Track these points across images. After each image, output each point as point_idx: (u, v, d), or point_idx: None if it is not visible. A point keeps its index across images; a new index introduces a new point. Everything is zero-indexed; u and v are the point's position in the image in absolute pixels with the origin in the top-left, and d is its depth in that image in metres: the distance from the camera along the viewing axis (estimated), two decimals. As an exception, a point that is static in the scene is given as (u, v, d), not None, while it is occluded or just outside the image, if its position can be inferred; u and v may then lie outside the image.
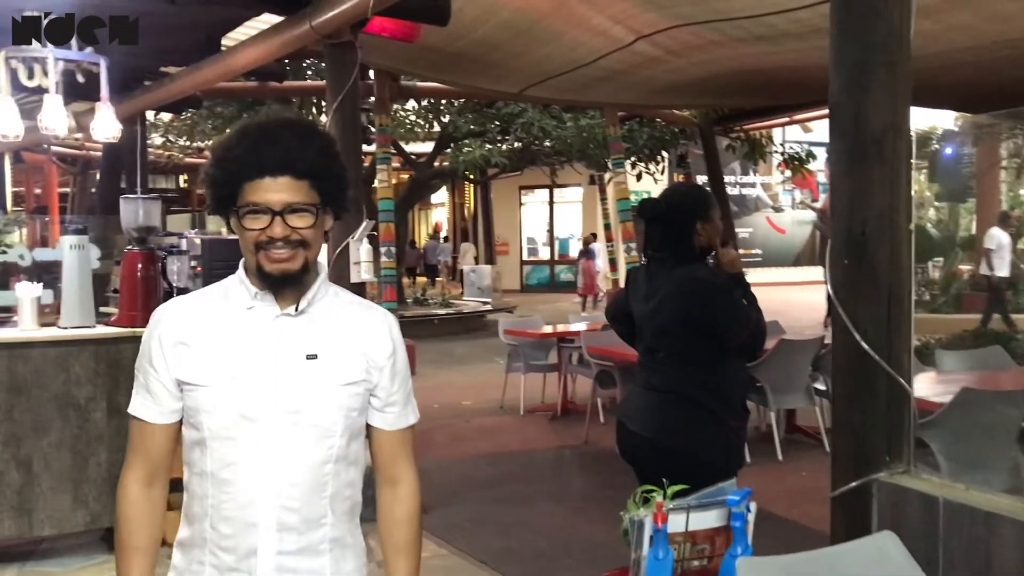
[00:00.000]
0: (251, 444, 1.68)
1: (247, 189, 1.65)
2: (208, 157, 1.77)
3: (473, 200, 27.37)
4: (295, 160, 1.64)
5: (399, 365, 1.84)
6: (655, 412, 3.13)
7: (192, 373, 1.70)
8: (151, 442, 1.76)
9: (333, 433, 1.72)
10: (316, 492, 1.72)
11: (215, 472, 1.70)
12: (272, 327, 1.71)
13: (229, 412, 1.68)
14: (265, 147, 1.65)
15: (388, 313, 1.86)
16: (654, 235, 3.19)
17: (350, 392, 1.74)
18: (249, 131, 1.69)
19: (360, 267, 5.10)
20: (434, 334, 14.29)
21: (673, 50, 6.83)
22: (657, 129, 14.71)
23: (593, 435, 7.11)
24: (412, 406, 1.90)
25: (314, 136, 1.71)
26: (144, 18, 5.58)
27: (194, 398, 1.70)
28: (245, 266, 1.74)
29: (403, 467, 1.86)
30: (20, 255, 5.78)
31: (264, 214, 1.64)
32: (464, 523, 5.24)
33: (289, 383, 1.69)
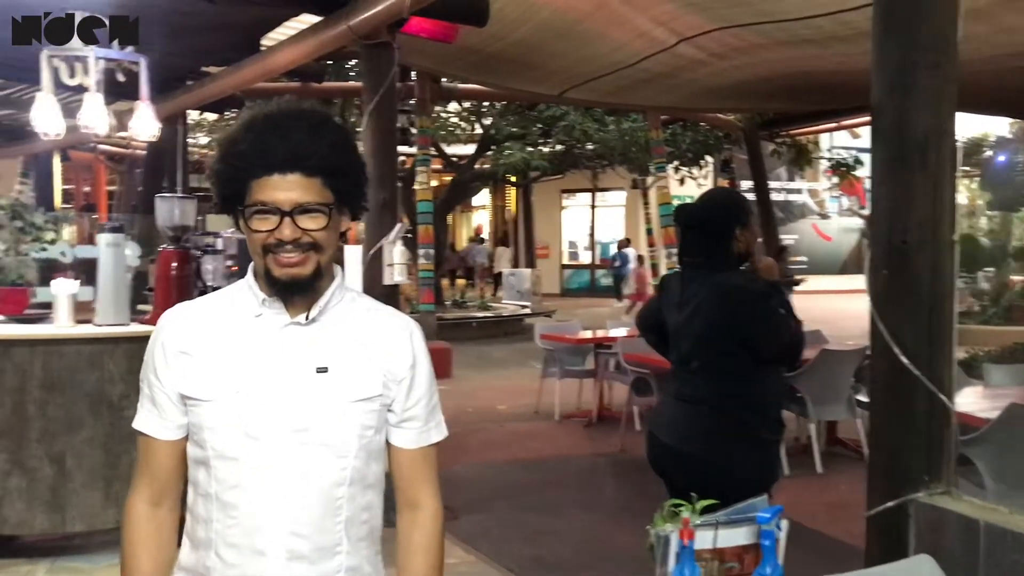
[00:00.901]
0: (256, 465, 1.54)
1: (254, 187, 1.52)
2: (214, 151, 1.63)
3: (514, 203, 27.34)
4: (306, 155, 1.50)
5: (419, 378, 1.68)
6: (687, 423, 3.04)
7: (194, 386, 1.57)
8: (157, 459, 1.63)
9: (346, 453, 1.57)
10: (329, 517, 1.57)
11: (219, 494, 1.57)
12: (280, 337, 1.58)
13: (232, 430, 1.54)
14: (273, 141, 1.50)
15: (410, 320, 1.71)
16: (691, 241, 3.11)
17: (364, 409, 1.59)
18: (256, 123, 1.54)
19: (393, 269, 5.06)
20: (471, 337, 14.27)
21: (716, 53, 6.72)
22: (701, 133, 14.58)
23: (628, 443, 7.01)
24: (437, 423, 1.74)
25: (327, 128, 1.56)
26: (184, 18, 5.63)
27: (197, 413, 1.58)
28: (254, 270, 1.61)
29: (424, 490, 1.70)
30: (62, 252, 5.85)
31: (272, 214, 1.50)
32: (493, 529, 5.18)
33: (296, 399, 1.55)
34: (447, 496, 5.53)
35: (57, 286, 4.83)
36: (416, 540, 1.68)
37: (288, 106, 1.57)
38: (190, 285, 4.87)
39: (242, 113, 1.61)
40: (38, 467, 4.50)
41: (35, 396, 4.49)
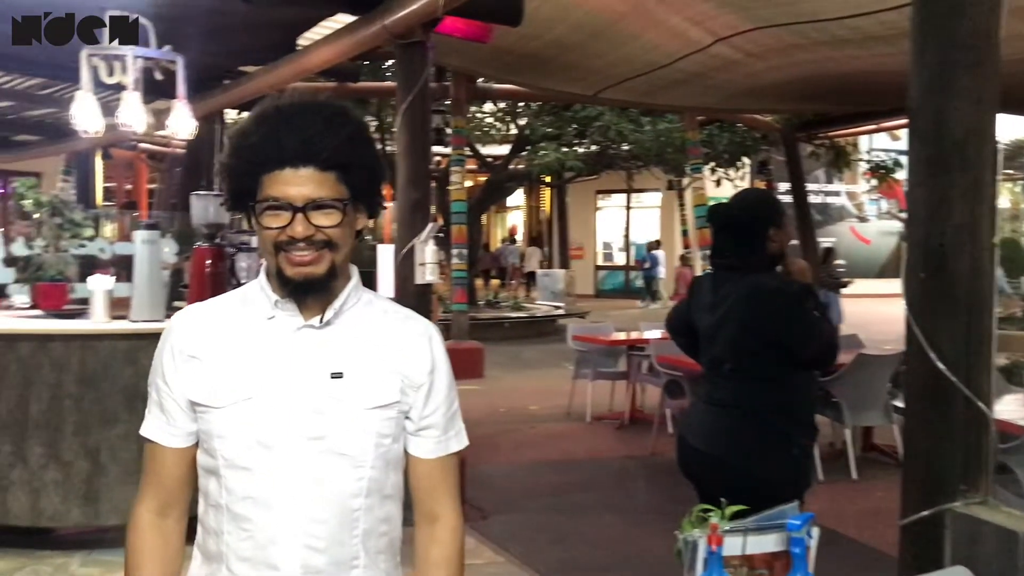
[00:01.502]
0: (269, 475, 1.47)
1: (265, 182, 1.44)
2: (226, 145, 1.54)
3: (549, 204, 27.30)
4: (319, 148, 1.42)
5: (439, 384, 1.59)
6: (718, 428, 3.00)
7: (204, 392, 1.50)
8: (165, 467, 1.55)
9: (363, 463, 1.50)
10: (346, 530, 1.50)
11: (230, 506, 1.49)
12: (293, 340, 1.50)
13: (244, 438, 1.47)
14: (285, 133, 1.43)
15: (429, 324, 1.63)
16: (724, 241, 3.06)
17: (381, 416, 1.51)
18: (267, 115, 1.47)
19: (425, 268, 5.06)
20: (504, 337, 14.26)
21: (753, 53, 6.66)
22: (738, 134, 14.45)
23: (660, 446, 6.95)
24: (457, 431, 1.64)
25: (343, 120, 1.47)
26: (222, 17, 5.69)
27: (207, 421, 1.50)
28: (266, 270, 1.53)
29: (443, 502, 1.61)
30: (100, 248, 5.94)
31: (284, 210, 1.43)
32: (523, 531, 5.16)
33: (311, 405, 1.48)
34: (478, 496, 5.54)
35: (93, 282, 4.89)
36: (434, 555, 1.60)
37: (302, 98, 1.50)
38: (224, 282, 4.90)
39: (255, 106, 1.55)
40: (73, 461, 4.56)
41: (71, 391, 4.55)
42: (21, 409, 4.54)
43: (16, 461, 4.55)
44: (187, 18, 5.55)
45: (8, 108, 10.02)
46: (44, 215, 5.71)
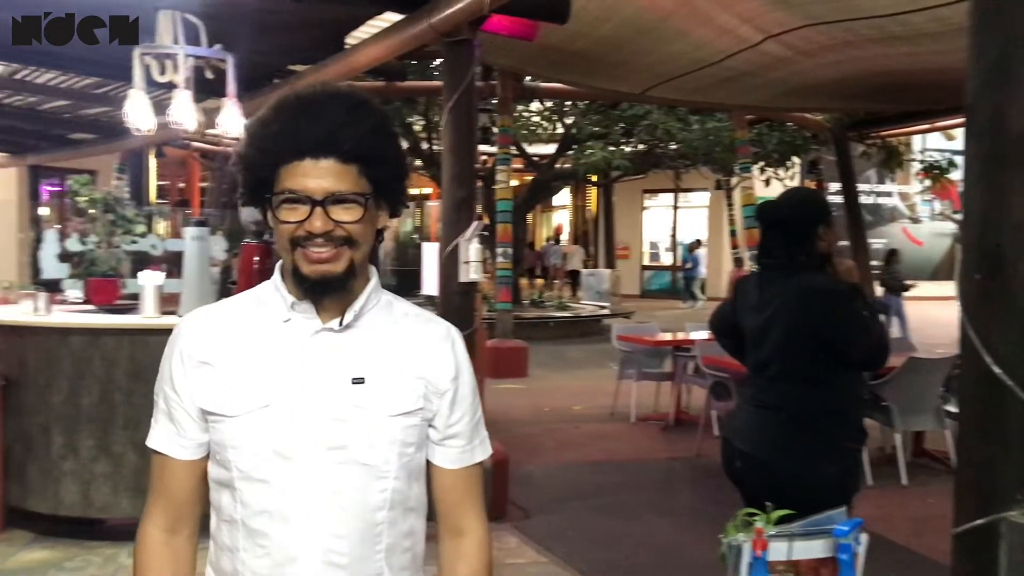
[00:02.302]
0: (287, 487, 1.38)
1: (283, 174, 1.36)
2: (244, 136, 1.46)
3: (595, 203, 27.23)
4: (341, 139, 1.34)
5: (463, 391, 1.52)
6: (764, 430, 2.95)
7: (216, 400, 1.41)
8: (175, 481, 1.46)
9: (386, 474, 1.42)
10: (368, 545, 1.41)
11: (245, 520, 1.40)
12: (311, 344, 1.41)
13: (260, 448, 1.38)
14: (305, 123, 1.34)
15: (452, 328, 1.56)
16: (773, 240, 3.00)
17: (404, 424, 1.43)
18: (287, 103, 1.38)
19: (469, 267, 5.06)
20: (549, 337, 14.25)
21: (803, 50, 6.56)
22: (787, 133, 14.27)
23: (705, 448, 6.88)
24: (481, 439, 1.56)
25: (366, 110, 1.39)
26: (272, 16, 5.74)
27: (220, 431, 1.41)
28: (281, 269, 1.44)
29: (469, 515, 1.53)
30: (152, 245, 6.03)
31: (302, 204, 1.34)
32: (566, 531, 5.14)
33: (331, 413, 1.39)
34: (521, 495, 5.53)
35: (144, 277, 4.97)
36: (461, 571, 1.52)
37: (323, 86, 1.42)
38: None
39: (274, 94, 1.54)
40: (123, 453, 4.64)
41: (121, 384, 4.63)
42: (73, 402, 4.63)
43: (68, 453, 4.64)
44: (237, 17, 5.60)
45: (64, 107, 10.22)
46: (97, 212, 5.82)
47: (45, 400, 4.66)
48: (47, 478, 4.65)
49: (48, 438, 4.65)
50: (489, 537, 1.55)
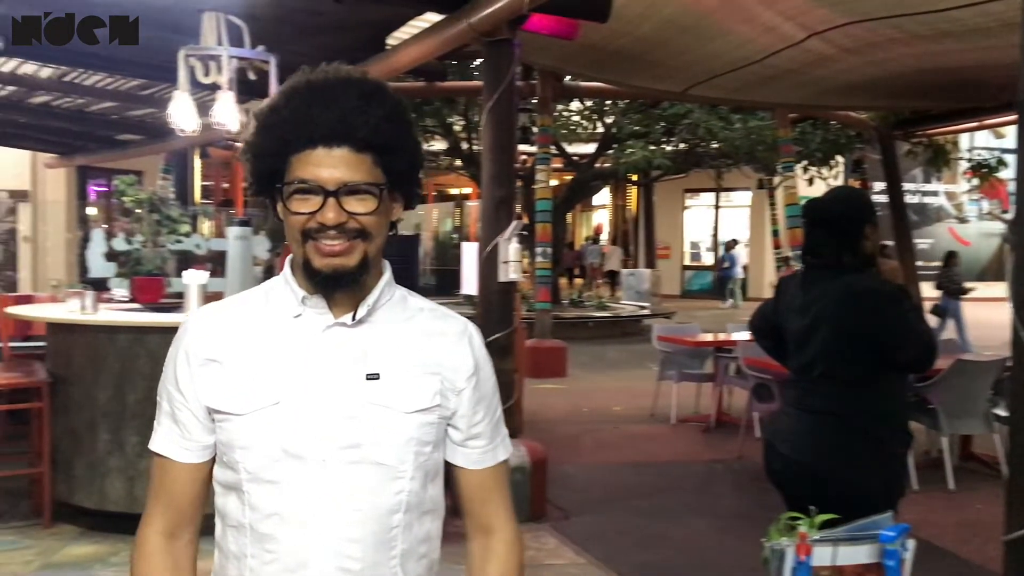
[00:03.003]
0: (298, 489, 1.32)
1: (294, 163, 1.30)
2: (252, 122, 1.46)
3: (635, 202, 27.11)
4: (356, 127, 1.28)
5: (484, 388, 1.46)
6: (809, 434, 2.90)
7: (224, 398, 1.35)
8: (177, 485, 1.40)
9: (402, 474, 1.36)
10: (383, 550, 1.35)
11: (254, 525, 1.34)
12: (323, 340, 1.36)
13: (270, 447, 1.33)
14: (318, 109, 1.28)
15: (469, 323, 1.49)
16: (819, 239, 2.93)
17: (420, 422, 1.37)
18: (299, 89, 1.31)
19: (509, 266, 5.06)
20: (588, 337, 14.20)
21: (848, 48, 6.47)
22: (831, 132, 14.09)
23: (747, 450, 6.81)
24: (503, 437, 1.51)
25: (381, 97, 1.32)
26: (314, 17, 5.78)
27: (227, 430, 1.35)
28: (291, 261, 1.39)
29: (497, 512, 1.48)
30: (196, 244, 6.12)
31: (314, 194, 1.28)
32: (605, 532, 5.11)
33: (344, 410, 1.33)
34: (559, 495, 5.51)
35: (188, 276, 5.03)
36: (491, 570, 1.46)
37: (335, 71, 1.34)
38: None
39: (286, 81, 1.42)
40: (168, 450, 4.69)
41: (166, 382, 4.69)
42: (118, 399, 4.70)
43: (113, 449, 4.71)
44: (280, 18, 5.65)
45: (111, 108, 10.40)
46: (143, 212, 5.91)
47: (92, 397, 4.74)
48: (94, 474, 4.73)
49: (95, 434, 4.72)
50: (519, 534, 1.50)
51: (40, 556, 4.45)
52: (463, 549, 1.48)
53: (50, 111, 10.41)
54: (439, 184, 28.25)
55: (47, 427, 4.78)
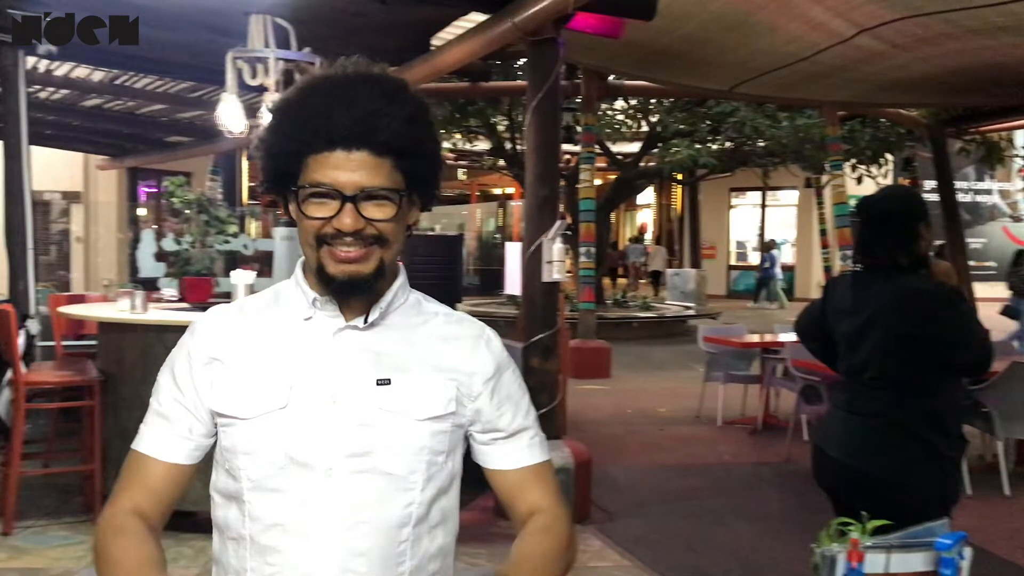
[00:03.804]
0: (302, 499, 1.26)
1: (311, 164, 1.24)
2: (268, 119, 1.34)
3: (680, 202, 26.91)
4: (376, 129, 1.22)
5: (507, 389, 1.41)
6: (859, 438, 2.84)
7: (229, 402, 1.30)
8: (156, 482, 1.33)
9: (412, 485, 1.29)
10: (390, 566, 1.29)
11: (255, 536, 1.28)
12: (333, 343, 1.31)
13: (275, 454, 1.27)
14: (338, 110, 1.22)
15: (485, 327, 1.44)
16: (873, 238, 2.85)
17: (433, 429, 1.31)
18: (318, 86, 1.27)
19: (552, 266, 5.04)
20: (632, 337, 14.11)
21: (899, 44, 6.35)
22: (881, 129, 13.86)
23: (795, 453, 6.72)
24: (538, 438, 1.44)
25: (403, 97, 1.27)
26: (359, 19, 5.82)
27: (231, 435, 1.30)
28: (303, 265, 1.35)
29: (543, 497, 1.40)
30: (244, 244, 6.18)
31: (331, 199, 1.23)
32: (649, 535, 5.07)
33: (354, 417, 1.28)
34: (603, 497, 5.46)
35: (235, 276, 5.09)
36: (531, 548, 1.35)
37: (356, 67, 1.29)
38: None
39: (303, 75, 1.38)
40: (215, 448, 4.75)
41: (213, 381, 4.74)
42: (168, 397, 4.75)
43: (163, 446, 4.76)
44: (325, 20, 5.70)
45: (161, 111, 10.58)
46: (192, 212, 5.99)
47: (141, 395, 4.76)
48: (143, 471, 4.79)
49: (144, 432, 4.78)
50: (568, 522, 1.41)
51: (91, 552, 4.52)
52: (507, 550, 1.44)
53: (102, 114, 10.62)
54: (482, 184, 28.32)
55: (98, 425, 4.86)
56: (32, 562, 4.38)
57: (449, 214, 25.60)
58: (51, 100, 9.86)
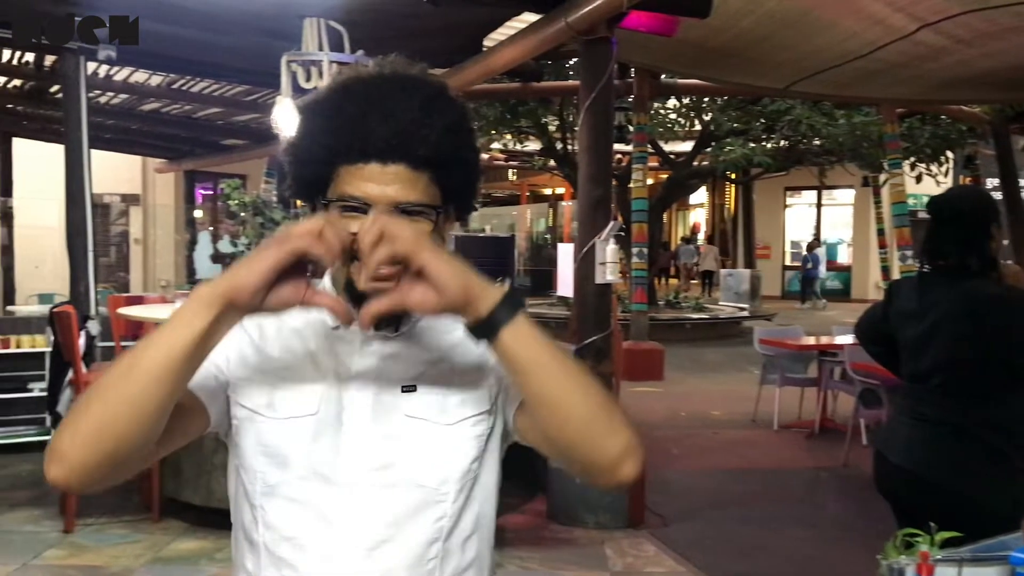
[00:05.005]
0: (322, 513, 1.18)
1: (343, 174, 1.17)
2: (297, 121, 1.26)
3: (733, 201, 26.60)
4: (414, 142, 1.14)
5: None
6: (925, 445, 2.75)
7: (254, 394, 1.22)
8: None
9: (443, 497, 1.20)
10: None
11: (270, 546, 1.20)
12: (361, 352, 1.23)
13: (297, 462, 1.21)
14: (374, 118, 1.14)
15: None
16: (944, 238, 2.73)
17: (466, 435, 1.22)
18: (353, 92, 1.18)
19: (606, 268, 4.99)
20: (685, 339, 13.98)
21: (963, 39, 6.18)
22: (941, 127, 13.55)
23: (854, 457, 6.58)
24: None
25: (443, 105, 1.18)
26: (412, 21, 5.83)
27: (251, 432, 1.24)
28: (332, 278, 1.26)
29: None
30: (295, 246, 6.22)
31: (364, 213, 1.15)
32: (705, 540, 5.00)
33: (381, 428, 1.20)
34: (658, 501, 5.37)
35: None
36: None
37: (392, 69, 1.21)
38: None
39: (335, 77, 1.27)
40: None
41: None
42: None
43: (219, 447, 4.82)
44: (378, 22, 5.71)
45: (217, 114, 10.73)
46: (248, 215, 6.06)
47: (198, 396, 4.85)
48: (200, 471, 4.85)
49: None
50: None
51: (150, 550, 4.59)
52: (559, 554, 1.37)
53: (160, 117, 10.82)
54: (532, 184, 28.30)
55: (156, 424, 4.92)
56: (92, 560, 4.46)
57: (500, 215, 25.63)
58: (110, 104, 10.06)
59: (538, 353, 1.10)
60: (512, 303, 1.09)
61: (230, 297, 1.06)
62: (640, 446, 1.15)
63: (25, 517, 5.07)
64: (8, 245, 11.67)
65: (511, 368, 1.12)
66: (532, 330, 1.10)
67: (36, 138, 12.02)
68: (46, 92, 9.29)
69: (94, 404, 1.08)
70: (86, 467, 1.08)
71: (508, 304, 1.09)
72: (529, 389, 1.12)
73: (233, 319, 1.09)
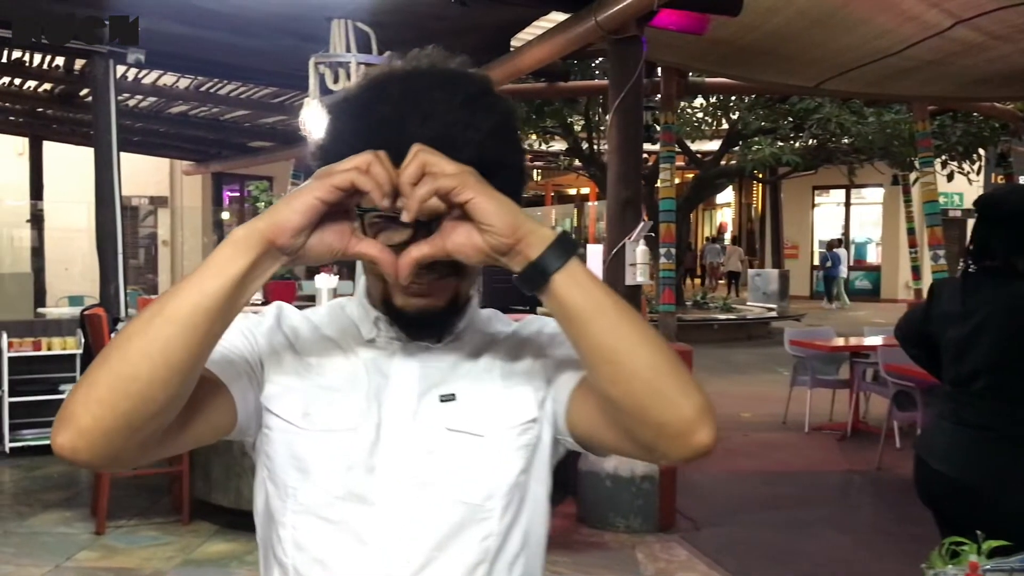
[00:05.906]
0: (357, 533, 1.08)
1: None
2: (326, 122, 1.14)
3: (760, 200, 26.40)
4: (456, 145, 1.00)
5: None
6: (972, 452, 2.68)
7: (288, 405, 1.12)
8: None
9: (489, 514, 1.10)
10: None
11: (299, 568, 1.10)
12: (399, 364, 1.14)
13: (332, 480, 1.11)
14: (413, 120, 1.01)
15: (551, 321, 1.15)
16: (991, 238, 2.66)
17: (512, 444, 1.12)
18: (389, 91, 1.05)
19: (636, 269, 4.94)
20: (713, 339, 13.88)
21: (999, 35, 6.07)
22: (974, 124, 13.36)
23: (888, 460, 6.49)
24: None
25: (487, 105, 1.06)
26: (440, 22, 5.80)
27: (283, 443, 1.13)
28: (367, 292, 1.17)
29: None
30: (325, 248, 6.23)
31: (402, 225, 1.01)
32: (736, 545, 4.93)
33: (422, 442, 1.10)
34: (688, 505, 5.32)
35: (319, 280, 5.13)
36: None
37: (430, 63, 1.09)
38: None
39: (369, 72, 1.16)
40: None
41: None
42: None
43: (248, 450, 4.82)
44: (405, 23, 5.69)
45: (245, 116, 10.77)
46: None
47: (227, 398, 4.85)
48: (229, 474, 4.85)
49: (230, 435, 4.85)
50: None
51: (180, 552, 4.60)
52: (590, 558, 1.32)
53: (187, 120, 10.88)
54: (557, 185, 28.24)
55: (186, 427, 4.93)
56: (124, 562, 4.47)
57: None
58: (139, 107, 10.13)
59: (597, 300, 0.98)
60: (565, 246, 0.98)
61: (270, 237, 0.96)
62: (715, 411, 1.00)
63: (57, 519, 5.10)
64: (39, 247, 11.79)
65: (566, 319, 0.99)
66: (588, 275, 0.99)
67: (66, 141, 12.13)
68: (75, 96, 9.37)
69: (112, 358, 0.96)
70: (98, 431, 0.97)
71: (560, 247, 0.98)
72: (588, 342, 0.98)
73: (271, 264, 0.99)
